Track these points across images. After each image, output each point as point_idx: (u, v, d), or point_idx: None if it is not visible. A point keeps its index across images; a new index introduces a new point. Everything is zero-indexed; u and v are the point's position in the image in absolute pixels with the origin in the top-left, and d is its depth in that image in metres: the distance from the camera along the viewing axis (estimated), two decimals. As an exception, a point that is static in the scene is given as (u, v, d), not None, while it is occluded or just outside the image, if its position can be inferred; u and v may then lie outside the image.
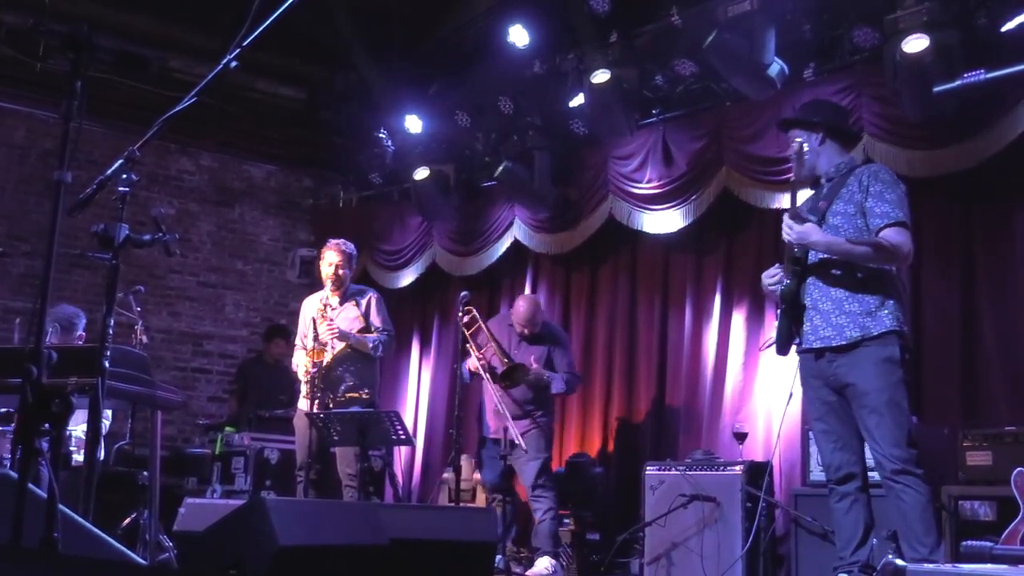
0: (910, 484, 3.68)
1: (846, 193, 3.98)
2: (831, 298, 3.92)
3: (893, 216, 3.85)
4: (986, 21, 5.38)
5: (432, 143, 8.20)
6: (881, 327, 3.81)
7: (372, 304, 6.00)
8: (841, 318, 3.87)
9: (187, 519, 3.94)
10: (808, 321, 3.97)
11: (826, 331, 3.90)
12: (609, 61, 6.67)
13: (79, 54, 2.53)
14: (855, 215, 3.92)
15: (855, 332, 3.83)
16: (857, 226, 3.91)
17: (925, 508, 3.67)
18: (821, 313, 3.93)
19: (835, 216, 3.97)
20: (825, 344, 3.90)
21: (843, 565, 3.83)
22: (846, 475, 3.88)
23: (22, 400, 2.23)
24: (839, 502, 3.90)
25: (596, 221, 7.38)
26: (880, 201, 3.88)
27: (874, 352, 3.80)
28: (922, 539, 3.63)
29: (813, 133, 4.11)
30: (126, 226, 3.10)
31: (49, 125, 8.45)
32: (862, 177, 3.97)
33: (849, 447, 3.90)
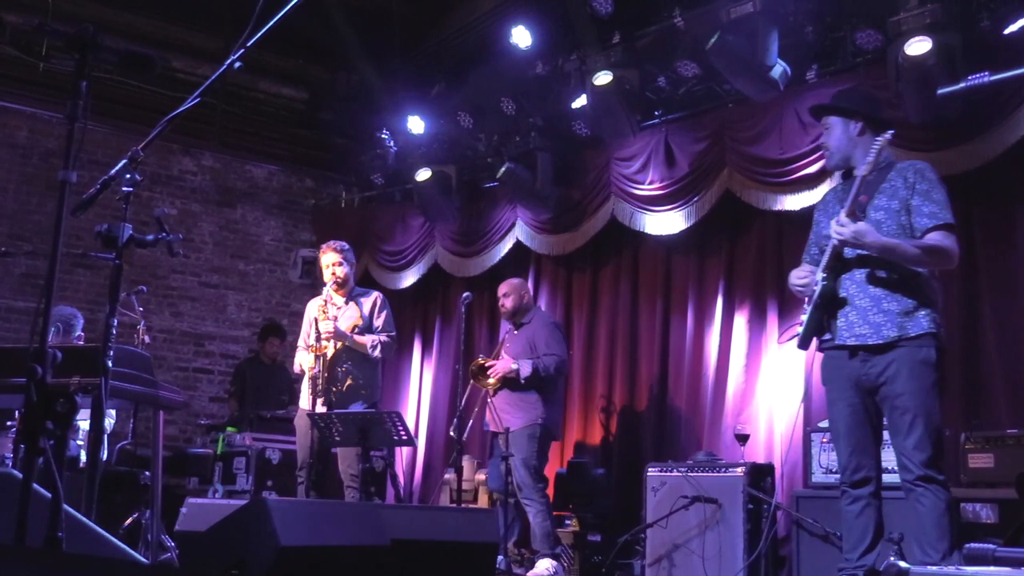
0: (931, 490, 3.62)
1: (888, 188, 3.85)
2: (869, 295, 3.81)
3: (942, 218, 3.76)
4: (989, 24, 5.38)
5: (434, 144, 8.20)
6: (919, 328, 3.72)
7: (376, 305, 6.01)
8: (878, 316, 3.76)
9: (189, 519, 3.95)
10: (843, 317, 3.85)
11: (862, 328, 3.79)
12: (611, 62, 6.68)
13: (84, 54, 2.53)
14: (899, 212, 3.80)
15: (892, 332, 3.73)
16: (901, 223, 3.80)
17: (943, 514, 3.61)
18: (857, 310, 3.82)
19: (877, 211, 3.83)
20: (860, 342, 3.80)
21: (848, 568, 3.79)
22: (862, 479, 3.81)
23: (26, 400, 2.23)
24: (851, 504, 3.83)
25: (598, 222, 7.38)
26: (927, 201, 3.78)
27: (910, 353, 3.71)
28: (935, 544, 3.58)
29: (851, 121, 3.97)
30: (129, 226, 3.11)
31: (52, 125, 8.46)
32: (907, 173, 3.85)
33: (867, 451, 3.82)
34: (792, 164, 6.15)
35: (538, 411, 6.05)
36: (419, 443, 8.45)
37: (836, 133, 4.00)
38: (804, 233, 6.30)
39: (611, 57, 6.70)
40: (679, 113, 6.97)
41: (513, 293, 6.38)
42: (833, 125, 4.02)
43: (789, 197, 6.23)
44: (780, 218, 6.47)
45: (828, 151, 4.07)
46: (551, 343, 6.17)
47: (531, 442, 5.98)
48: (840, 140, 3.99)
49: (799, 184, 6.15)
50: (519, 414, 6.04)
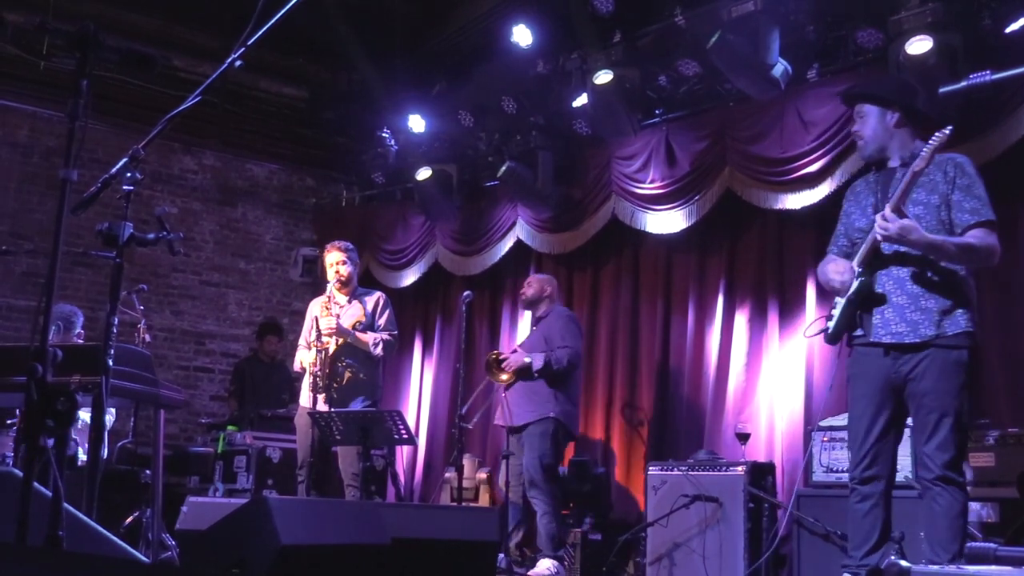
0: (948, 491, 3.57)
1: (928, 182, 3.72)
2: (907, 292, 3.72)
3: (984, 215, 3.68)
4: (990, 23, 5.37)
5: (435, 143, 8.20)
6: (956, 327, 3.65)
7: (379, 305, 6.01)
8: (916, 314, 3.68)
9: (189, 518, 3.95)
10: (879, 314, 3.76)
11: (899, 327, 3.71)
12: (612, 61, 6.68)
13: (85, 53, 2.53)
14: (939, 207, 3.70)
15: (930, 331, 3.65)
16: (940, 219, 3.70)
17: (958, 516, 3.57)
18: (895, 307, 3.72)
19: (916, 206, 3.71)
20: (897, 340, 3.71)
21: (851, 566, 3.75)
22: (873, 476, 3.75)
23: (27, 398, 2.23)
24: (860, 502, 3.77)
25: (599, 221, 7.38)
26: (969, 196, 3.70)
27: (943, 353, 3.64)
28: (947, 546, 3.54)
29: (888, 111, 3.83)
30: (130, 225, 3.10)
31: (52, 123, 8.46)
32: (946, 168, 3.74)
33: (882, 450, 3.75)
34: (793, 163, 6.15)
35: (551, 405, 6.01)
36: (420, 442, 8.45)
37: (871, 122, 3.87)
38: (805, 232, 6.38)
39: (612, 56, 6.70)
40: (680, 112, 6.96)
41: (536, 283, 6.43)
42: (868, 113, 3.88)
43: (790, 196, 6.22)
44: (781, 217, 6.47)
45: (863, 140, 3.92)
46: (565, 335, 6.14)
47: (544, 439, 5.95)
48: (876, 130, 3.86)
49: (800, 183, 6.15)
50: (531, 407, 6.02)
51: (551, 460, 6.00)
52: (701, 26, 6.22)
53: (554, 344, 6.10)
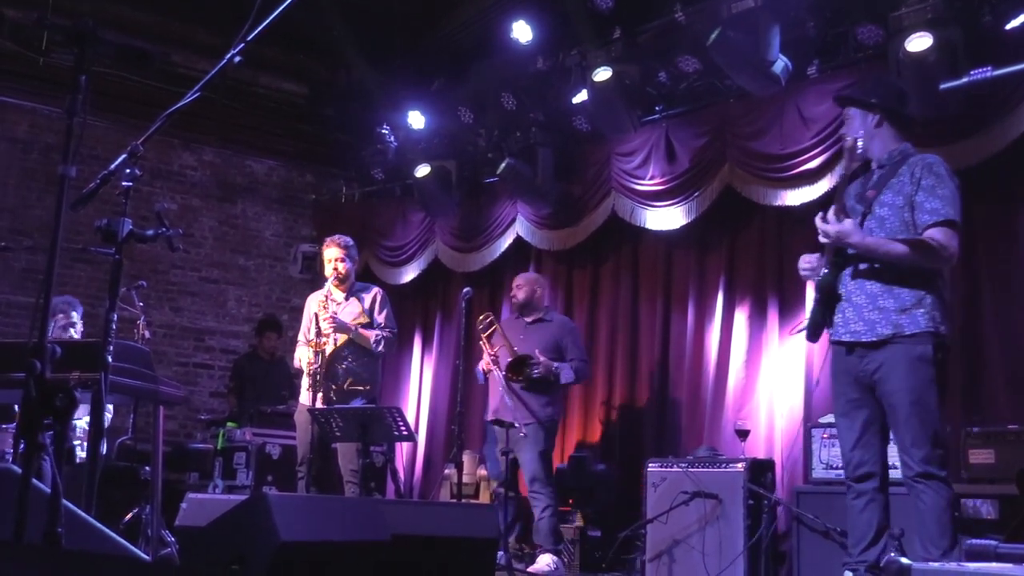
0: (931, 487, 3.61)
1: (896, 184, 3.80)
2: (866, 292, 3.78)
3: (942, 214, 3.68)
4: (991, 19, 5.37)
5: (435, 139, 8.20)
6: (915, 327, 3.69)
7: (376, 300, 6.00)
8: (874, 313, 3.74)
9: (189, 514, 3.95)
10: (840, 313, 3.84)
11: (857, 325, 3.78)
12: (612, 58, 6.67)
13: (83, 48, 2.53)
14: (903, 208, 3.75)
15: (886, 330, 3.71)
16: (904, 219, 3.75)
17: (944, 511, 3.60)
18: (854, 306, 3.80)
19: (882, 207, 3.80)
20: (855, 339, 3.79)
21: (851, 562, 3.79)
22: (865, 474, 3.79)
23: (25, 395, 2.22)
24: (855, 499, 3.82)
25: (599, 218, 7.38)
26: (931, 197, 3.72)
27: (906, 349, 3.68)
28: (937, 541, 3.57)
29: (870, 114, 3.91)
30: (129, 221, 3.10)
31: (52, 120, 8.45)
32: (915, 168, 3.78)
33: (870, 446, 3.80)
34: (793, 159, 6.14)
35: (558, 408, 6.21)
36: (419, 438, 8.45)
37: (855, 125, 3.94)
38: (805, 228, 6.33)
39: (612, 52, 6.69)
40: (680, 108, 6.96)
41: (526, 285, 6.41)
42: (852, 116, 3.96)
43: (790, 192, 6.22)
44: (781, 213, 6.47)
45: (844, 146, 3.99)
46: (581, 348, 6.35)
47: (550, 437, 6.07)
48: (858, 132, 3.92)
49: (800, 179, 6.15)
50: (540, 408, 6.05)
51: (550, 457, 6.10)
52: (701, 22, 6.21)
53: (568, 355, 6.18)
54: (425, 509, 4.12)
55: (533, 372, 6.00)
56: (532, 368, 5.99)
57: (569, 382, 6.17)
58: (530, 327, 6.30)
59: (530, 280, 6.47)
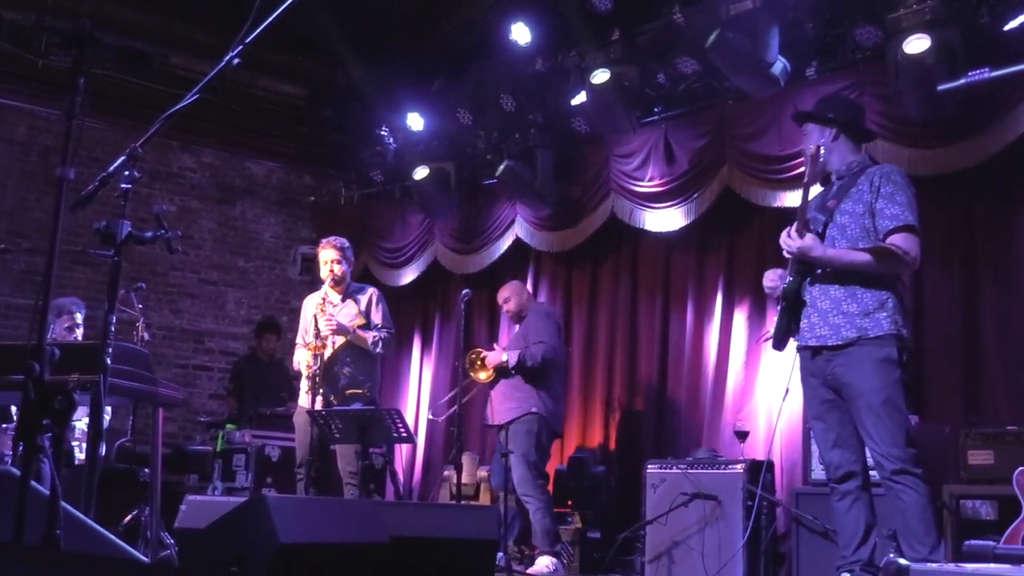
0: (909, 484, 3.65)
1: (856, 192, 3.92)
2: (830, 297, 3.88)
3: (903, 219, 3.79)
4: (989, 20, 5.37)
5: (434, 141, 8.20)
6: (879, 330, 3.77)
7: (373, 301, 6.00)
8: (838, 318, 3.83)
9: (188, 516, 3.95)
10: (806, 318, 3.94)
11: (822, 330, 3.87)
12: (610, 59, 6.67)
13: (82, 50, 2.53)
14: (863, 215, 3.86)
15: (851, 333, 3.79)
16: (864, 226, 3.85)
17: (925, 508, 3.64)
18: (819, 311, 3.90)
19: (843, 215, 3.91)
20: (821, 343, 3.87)
21: (845, 564, 3.82)
22: (846, 474, 3.85)
23: (24, 397, 2.22)
24: (840, 501, 3.87)
25: (598, 219, 7.38)
26: (890, 203, 3.82)
27: (871, 351, 3.76)
28: (922, 539, 3.61)
29: (826, 128, 4.05)
30: (128, 223, 3.10)
31: (51, 121, 8.45)
32: (873, 177, 3.90)
33: (848, 446, 3.86)
34: (792, 160, 6.14)
35: (532, 402, 5.99)
36: (419, 440, 8.45)
37: (812, 140, 4.08)
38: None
39: (610, 54, 6.70)
40: (679, 110, 6.96)
41: (514, 296, 6.42)
42: (810, 132, 4.11)
43: (789, 194, 6.22)
44: (780, 214, 6.45)
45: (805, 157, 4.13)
46: (540, 332, 6.15)
47: (528, 437, 5.93)
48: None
49: (799, 181, 6.12)
50: (512, 404, 6.03)
51: (536, 458, 5.96)
52: (700, 24, 6.21)
53: (530, 341, 6.12)
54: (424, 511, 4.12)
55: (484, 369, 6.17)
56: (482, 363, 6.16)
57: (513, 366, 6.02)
58: (516, 330, 6.40)
59: (514, 290, 6.49)
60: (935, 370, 5.67)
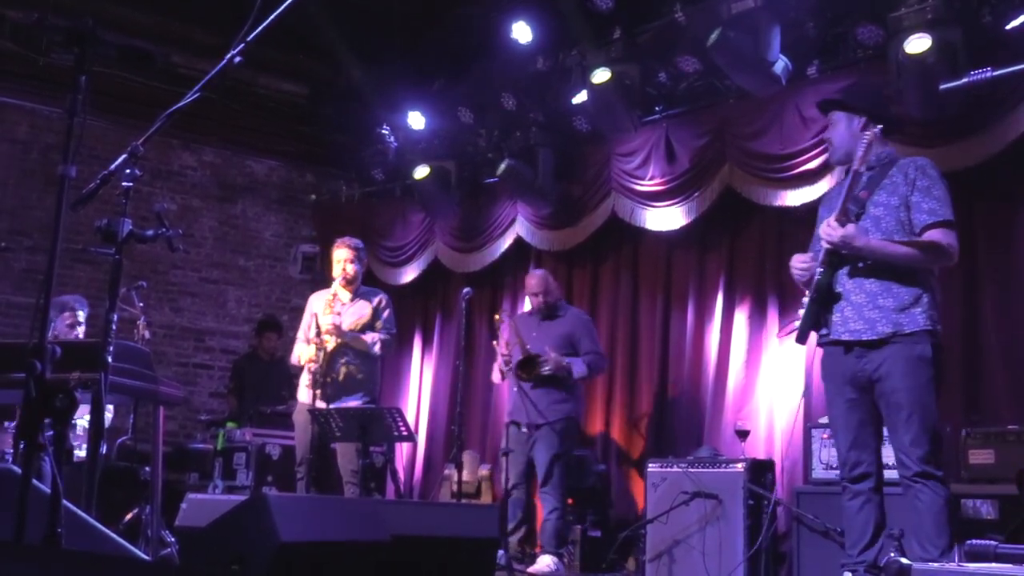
0: (929, 486, 3.62)
1: (889, 184, 3.85)
2: (865, 291, 3.80)
3: (941, 215, 3.74)
4: (990, 19, 5.37)
5: (434, 139, 8.20)
6: (914, 325, 3.72)
7: (381, 305, 5.99)
8: (873, 312, 3.76)
9: (189, 514, 3.95)
10: (839, 312, 3.85)
11: (857, 324, 3.79)
12: (611, 58, 6.67)
13: (83, 49, 2.53)
14: (899, 208, 3.80)
15: (887, 328, 3.73)
16: (899, 219, 3.79)
17: (941, 510, 3.62)
18: (853, 305, 3.82)
19: (877, 207, 3.84)
20: (855, 337, 3.80)
21: (850, 563, 3.80)
22: (861, 474, 3.81)
23: (25, 395, 2.23)
24: (851, 500, 3.84)
25: (599, 218, 7.38)
26: (927, 197, 3.77)
27: (905, 349, 3.70)
28: (934, 541, 3.59)
29: (855, 117, 3.98)
30: (129, 221, 3.10)
31: (52, 120, 8.45)
32: (908, 170, 3.85)
33: (866, 446, 3.82)
34: (793, 159, 6.14)
35: (572, 404, 6.10)
36: (419, 439, 8.45)
37: (840, 128, 4.01)
38: (805, 228, 6.29)
39: (612, 53, 6.69)
40: (680, 109, 6.95)
41: (550, 289, 6.33)
42: (837, 120, 4.03)
43: (790, 192, 6.22)
44: (781, 214, 6.46)
45: (832, 146, 4.09)
46: (595, 341, 6.30)
47: (565, 436, 6.01)
48: (843, 136, 4.00)
49: (800, 179, 6.15)
50: (556, 406, 6.02)
51: (567, 458, 6.04)
52: (701, 22, 6.21)
53: (583, 348, 6.14)
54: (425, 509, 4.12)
55: (543, 369, 5.97)
56: (541, 366, 5.96)
57: (582, 376, 6.09)
58: (543, 323, 6.27)
59: (544, 280, 6.36)
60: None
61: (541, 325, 6.27)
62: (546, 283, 6.35)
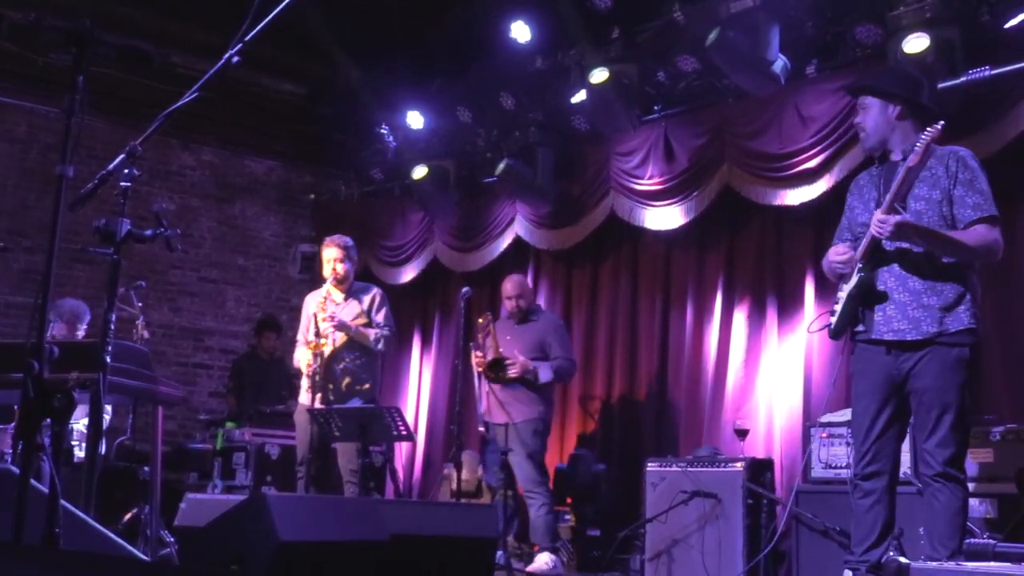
0: (949, 488, 3.57)
1: (929, 177, 3.71)
2: (908, 289, 3.70)
3: (987, 210, 3.65)
4: (989, 18, 5.37)
5: (433, 139, 8.19)
6: (959, 324, 3.63)
7: (376, 301, 6.00)
8: (918, 311, 3.66)
9: (188, 514, 3.95)
10: (880, 311, 3.73)
11: (901, 324, 3.68)
12: (610, 58, 6.67)
13: (81, 49, 2.52)
14: (941, 202, 3.68)
15: (932, 327, 3.63)
16: (942, 214, 3.67)
17: (957, 513, 3.57)
18: (897, 304, 3.70)
19: (917, 201, 3.70)
20: (898, 337, 3.69)
21: (853, 562, 3.75)
22: (875, 472, 3.73)
23: (24, 395, 2.22)
24: (862, 498, 3.75)
25: (598, 217, 7.38)
26: (970, 191, 3.67)
27: (946, 351, 3.62)
28: (946, 542, 3.54)
29: (891, 104, 3.81)
30: (128, 221, 3.10)
31: (51, 120, 8.44)
32: (948, 162, 3.71)
33: (886, 445, 3.74)
34: (792, 159, 6.14)
35: (541, 404, 6.11)
36: (419, 438, 8.45)
37: (873, 114, 3.85)
38: (804, 228, 6.38)
39: (610, 52, 6.69)
40: (678, 108, 6.95)
41: (526, 292, 6.39)
42: (870, 106, 3.86)
43: (789, 192, 6.22)
44: (780, 213, 6.47)
45: (864, 132, 3.91)
46: (566, 347, 6.31)
47: (535, 437, 6.03)
48: (877, 122, 3.84)
49: (799, 179, 6.15)
50: (523, 406, 6.05)
51: (541, 456, 6.10)
52: (700, 22, 6.21)
53: (553, 353, 6.15)
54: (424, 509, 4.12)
55: (508, 372, 6.01)
56: (508, 368, 6.00)
57: (548, 381, 6.10)
58: (518, 327, 6.30)
59: (523, 287, 6.43)
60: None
61: (515, 329, 6.29)
62: (522, 287, 6.39)
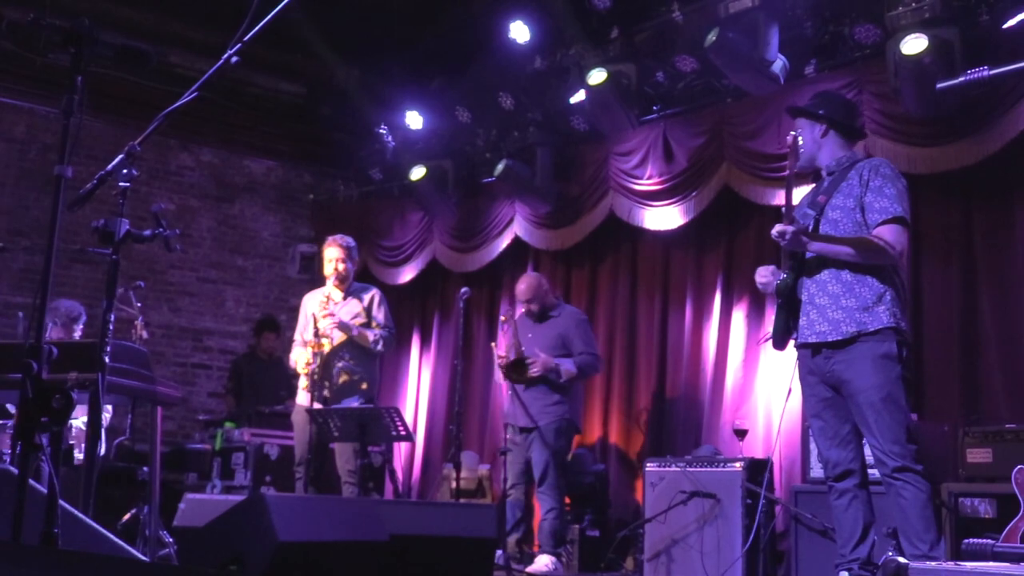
0: (910, 481, 3.66)
1: (846, 187, 3.96)
2: (828, 293, 3.89)
3: (891, 212, 3.83)
4: (988, 18, 5.37)
5: (432, 139, 8.20)
6: (878, 323, 3.79)
7: (375, 301, 6.00)
8: (837, 313, 3.85)
9: (187, 514, 3.95)
10: (804, 316, 3.96)
11: (822, 326, 3.88)
12: (609, 58, 6.67)
13: (80, 49, 2.52)
14: (854, 209, 3.90)
15: (851, 328, 3.80)
16: (856, 220, 3.89)
17: (925, 505, 3.65)
18: (817, 308, 3.91)
19: (834, 210, 3.95)
20: (821, 339, 3.88)
21: (844, 562, 3.83)
22: (844, 472, 3.87)
23: (22, 396, 2.22)
24: (838, 499, 3.89)
25: (597, 217, 7.38)
26: (879, 196, 3.86)
27: (871, 348, 3.77)
28: (922, 536, 3.62)
29: (817, 124, 4.09)
30: (126, 221, 3.10)
31: (49, 120, 8.44)
32: (863, 171, 3.95)
33: (847, 444, 3.87)
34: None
35: (567, 405, 6.06)
36: (418, 438, 8.45)
37: (805, 135, 4.12)
38: (803, 228, 6.37)
39: (609, 52, 6.70)
40: (677, 108, 6.96)
41: (539, 296, 6.26)
42: (801, 127, 4.14)
43: (788, 192, 6.21)
44: (778, 213, 6.44)
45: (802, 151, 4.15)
46: (589, 341, 6.22)
47: (559, 437, 5.99)
48: (807, 141, 4.11)
49: (798, 179, 6.13)
50: (550, 408, 6.00)
51: (564, 458, 6.06)
52: (699, 22, 6.22)
53: (576, 348, 6.10)
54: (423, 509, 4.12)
55: (531, 371, 5.96)
56: (530, 367, 5.96)
57: (570, 376, 6.02)
58: (537, 325, 6.25)
59: (536, 285, 6.30)
60: (934, 368, 5.66)
61: (535, 327, 6.25)
62: (535, 290, 6.27)
